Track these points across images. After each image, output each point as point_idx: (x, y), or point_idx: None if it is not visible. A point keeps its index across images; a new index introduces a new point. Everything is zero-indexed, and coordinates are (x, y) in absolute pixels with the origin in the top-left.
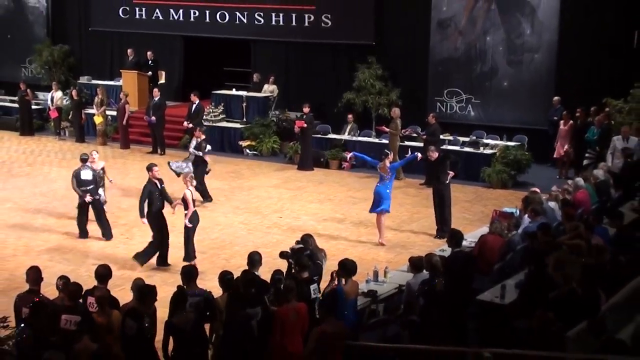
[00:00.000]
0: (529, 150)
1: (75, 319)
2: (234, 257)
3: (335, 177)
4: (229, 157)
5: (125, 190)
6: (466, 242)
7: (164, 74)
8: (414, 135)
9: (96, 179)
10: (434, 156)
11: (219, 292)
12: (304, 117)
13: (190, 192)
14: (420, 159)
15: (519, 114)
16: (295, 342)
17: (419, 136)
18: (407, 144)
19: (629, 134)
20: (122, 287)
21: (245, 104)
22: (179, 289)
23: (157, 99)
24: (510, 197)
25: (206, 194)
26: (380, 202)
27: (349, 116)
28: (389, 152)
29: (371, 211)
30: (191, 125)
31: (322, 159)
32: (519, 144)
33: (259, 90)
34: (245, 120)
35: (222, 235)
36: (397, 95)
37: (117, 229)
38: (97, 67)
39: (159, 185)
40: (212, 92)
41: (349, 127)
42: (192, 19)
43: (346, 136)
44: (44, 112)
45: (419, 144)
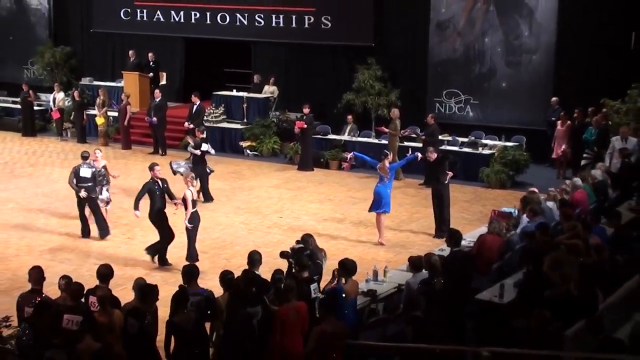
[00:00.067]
0: (527, 150)
1: (77, 318)
2: (235, 257)
3: (335, 177)
4: (230, 158)
5: (126, 190)
6: (465, 242)
7: (165, 75)
8: (413, 135)
9: (95, 178)
10: (433, 157)
11: (220, 291)
12: (304, 117)
13: (190, 193)
14: (420, 159)
15: (518, 114)
16: (295, 342)
17: (418, 137)
18: (406, 144)
19: (627, 135)
20: (124, 286)
21: (245, 105)
22: (180, 289)
23: (158, 100)
24: (508, 197)
25: (207, 194)
26: (380, 202)
27: (349, 117)
28: (389, 153)
29: (370, 211)
30: (192, 126)
31: (322, 160)
32: (517, 144)
33: (260, 91)
34: (245, 121)
35: (223, 235)
36: (396, 96)
37: (118, 228)
38: (99, 69)
39: (160, 184)
40: (213, 93)
41: (349, 127)
42: (193, 21)
43: (346, 137)
44: (46, 113)
45: (418, 144)
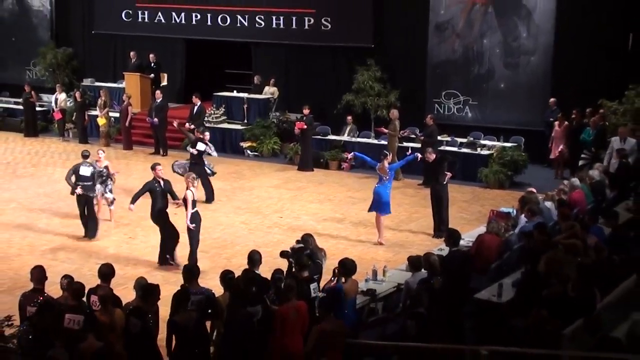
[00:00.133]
0: (526, 151)
1: (78, 318)
2: (235, 257)
3: (334, 177)
4: (230, 158)
5: (127, 190)
6: (464, 242)
7: (166, 76)
8: (412, 136)
9: (94, 177)
10: (432, 157)
11: (221, 291)
12: (304, 118)
13: (191, 193)
14: (419, 160)
15: (516, 115)
16: (295, 341)
17: (417, 137)
18: (405, 144)
19: (626, 135)
20: (125, 285)
21: (246, 106)
22: (182, 288)
23: (159, 101)
24: (507, 197)
25: (208, 194)
26: (380, 203)
27: (348, 117)
28: (388, 153)
29: (370, 211)
30: (193, 126)
31: (322, 160)
32: (515, 144)
33: (260, 92)
34: (246, 121)
35: (224, 235)
36: (395, 96)
37: (120, 228)
38: (100, 70)
39: (162, 184)
40: (214, 94)
41: (348, 128)
42: (193, 22)
43: (345, 137)
44: (48, 114)
45: (417, 145)
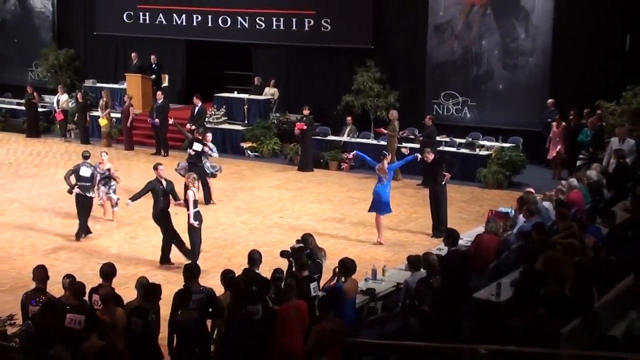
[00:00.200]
0: (524, 151)
1: (79, 318)
2: (236, 256)
3: (334, 177)
4: (231, 159)
5: (129, 190)
6: (462, 241)
7: (167, 77)
8: (412, 137)
9: (94, 178)
10: (430, 157)
11: (221, 290)
12: (304, 119)
13: (193, 193)
14: (419, 159)
15: (514, 116)
16: (295, 340)
17: (416, 138)
18: (404, 145)
19: (624, 136)
20: (127, 285)
21: (246, 107)
22: (185, 287)
23: (160, 102)
24: (505, 197)
25: (206, 196)
26: (379, 203)
27: (348, 118)
28: (387, 154)
29: (370, 211)
30: (194, 127)
31: (321, 160)
32: (514, 145)
33: (260, 93)
34: (246, 122)
35: (224, 234)
36: (395, 97)
37: (121, 228)
38: (102, 71)
39: (164, 184)
40: (214, 95)
41: (348, 129)
42: (194, 24)
43: (345, 138)
44: (50, 115)
45: (416, 145)
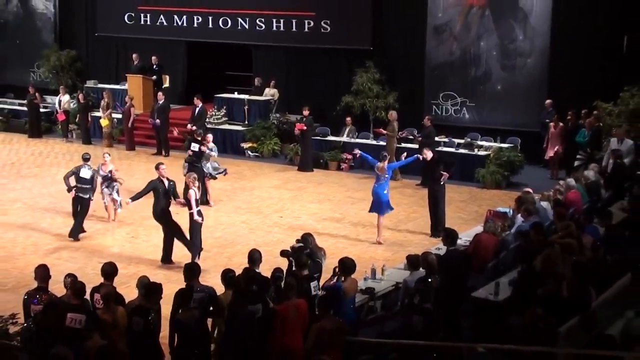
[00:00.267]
0: (522, 151)
1: (80, 317)
2: (236, 256)
3: (334, 177)
4: (231, 159)
5: (131, 190)
6: (461, 241)
7: (168, 78)
8: (410, 137)
9: (93, 180)
10: (428, 155)
11: (222, 289)
12: (304, 119)
13: (194, 192)
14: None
15: (512, 116)
16: (295, 339)
17: (414, 138)
18: (403, 145)
19: (622, 136)
20: (128, 284)
21: (247, 107)
22: (187, 286)
23: (161, 102)
24: (503, 197)
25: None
26: (379, 204)
27: (348, 119)
28: (388, 156)
29: (371, 211)
30: (194, 127)
31: (321, 161)
32: (512, 145)
33: (260, 93)
34: (247, 122)
35: (225, 234)
36: (394, 98)
37: (123, 228)
38: (103, 72)
39: (165, 183)
40: (215, 96)
41: (348, 129)
42: (195, 25)
43: (345, 138)
44: (52, 115)
45: (415, 145)
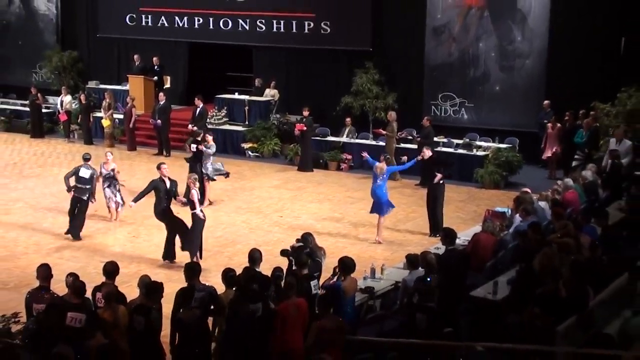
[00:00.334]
0: (520, 152)
1: (80, 316)
2: (237, 255)
3: (333, 177)
4: (232, 159)
5: (132, 190)
6: (460, 241)
7: (169, 78)
8: (410, 137)
9: (93, 179)
10: (427, 154)
11: (222, 288)
12: (304, 120)
13: (196, 193)
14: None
15: (511, 117)
16: (295, 338)
17: (413, 139)
18: (403, 146)
19: (621, 137)
20: (129, 283)
21: (247, 108)
22: (188, 285)
23: (162, 103)
24: (502, 197)
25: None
26: (379, 204)
27: (347, 119)
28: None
29: (372, 212)
30: (195, 128)
31: (321, 161)
32: (510, 146)
33: (261, 94)
34: (247, 123)
35: (225, 234)
36: (393, 99)
37: (124, 227)
38: (105, 72)
39: (167, 183)
40: (216, 96)
41: (347, 129)
42: (196, 26)
43: (344, 139)
44: (54, 116)
45: (415, 146)
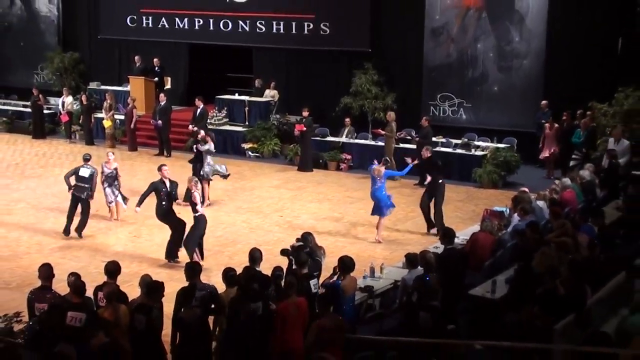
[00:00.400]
0: (518, 151)
1: (80, 316)
2: (237, 255)
3: (333, 177)
4: (232, 159)
5: (133, 190)
6: (458, 240)
7: (170, 79)
8: (408, 137)
9: (93, 178)
10: (427, 154)
11: (223, 287)
12: (304, 120)
13: (198, 195)
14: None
15: (509, 117)
16: (296, 336)
17: (412, 139)
18: (401, 146)
19: (620, 137)
20: (130, 283)
21: (247, 108)
22: (190, 285)
23: (163, 104)
24: (500, 197)
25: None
26: (380, 206)
27: (347, 120)
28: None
29: (373, 214)
30: (196, 128)
31: (320, 161)
32: (508, 145)
33: (261, 95)
34: (247, 123)
35: (226, 233)
36: (392, 99)
37: (125, 227)
38: (106, 74)
39: (167, 184)
40: (216, 97)
41: (346, 130)
42: (196, 27)
43: (344, 139)
44: (56, 117)
45: (413, 146)
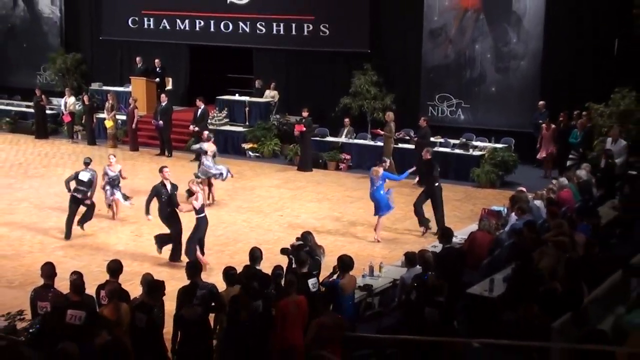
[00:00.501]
0: (516, 151)
1: (80, 314)
2: (238, 254)
3: (333, 177)
4: (232, 159)
5: (134, 190)
6: (456, 239)
7: (171, 80)
8: (407, 138)
9: (93, 182)
10: (427, 156)
11: (224, 286)
12: (304, 120)
13: (200, 195)
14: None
15: (506, 117)
16: (295, 334)
17: (411, 139)
18: (400, 146)
19: (617, 137)
20: (132, 281)
21: (247, 109)
22: (191, 283)
23: (164, 104)
24: (498, 196)
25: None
26: (380, 207)
27: (346, 120)
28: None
29: (375, 215)
30: (197, 128)
31: (320, 161)
32: (506, 145)
33: (261, 95)
34: (247, 124)
35: (226, 232)
36: (391, 100)
37: (127, 226)
38: (108, 74)
39: (168, 187)
40: (217, 98)
41: (346, 130)
42: (197, 29)
43: (343, 139)
44: (58, 117)
45: (412, 146)
